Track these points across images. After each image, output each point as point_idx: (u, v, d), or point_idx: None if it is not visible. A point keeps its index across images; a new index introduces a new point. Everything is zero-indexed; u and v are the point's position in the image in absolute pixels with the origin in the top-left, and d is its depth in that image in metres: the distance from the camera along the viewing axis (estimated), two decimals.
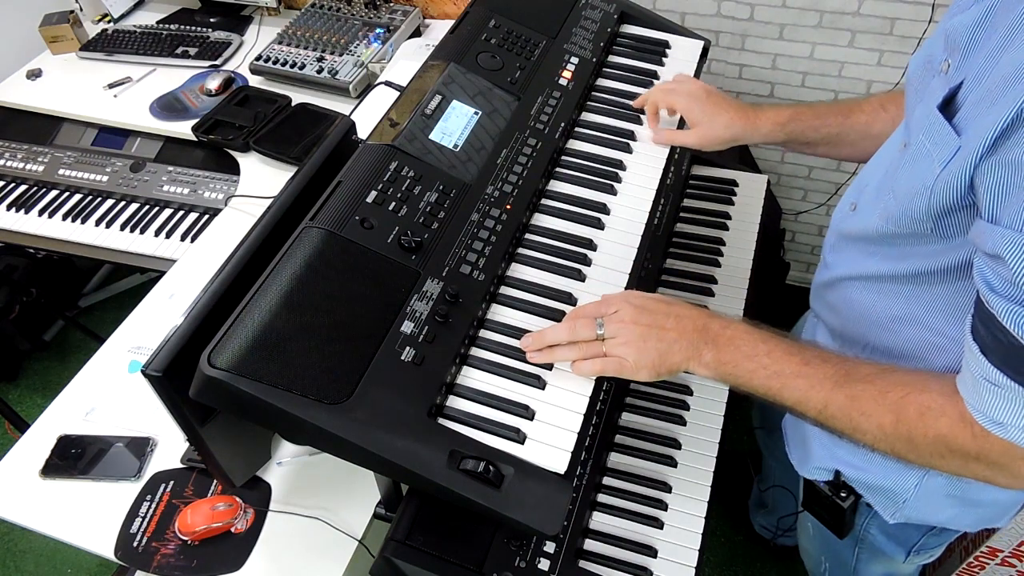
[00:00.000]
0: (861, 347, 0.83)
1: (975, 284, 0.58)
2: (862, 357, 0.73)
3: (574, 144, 1.07)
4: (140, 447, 1.06)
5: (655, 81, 1.18)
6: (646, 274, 1.20)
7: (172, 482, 1.03)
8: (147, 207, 1.57)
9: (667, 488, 0.99)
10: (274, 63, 1.66)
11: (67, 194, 1.62)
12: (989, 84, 0.57)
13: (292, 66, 1.65)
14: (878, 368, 0.69)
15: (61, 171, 1.64)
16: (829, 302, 0.89)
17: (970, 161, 0.56)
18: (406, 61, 1.49)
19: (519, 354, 0.83)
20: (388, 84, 1.43)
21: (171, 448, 1.07)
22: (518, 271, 0.92)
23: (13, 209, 1.60)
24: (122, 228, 1.54)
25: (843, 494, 0.92)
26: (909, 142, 0.69)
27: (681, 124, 1.08)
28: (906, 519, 0.89)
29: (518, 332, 0.85)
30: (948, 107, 0.62)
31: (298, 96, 1.63)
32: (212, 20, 1.92)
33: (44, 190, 1.63)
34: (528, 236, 0.95)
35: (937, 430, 0.63)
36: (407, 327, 0.79)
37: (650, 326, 0.77)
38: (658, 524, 0.95)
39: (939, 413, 0.63)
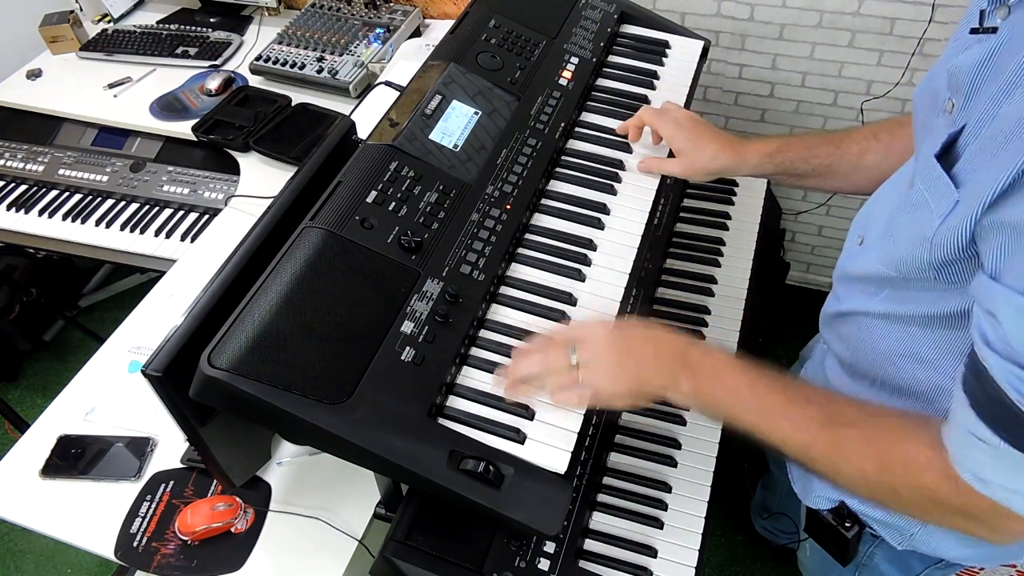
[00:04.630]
0: (870, 381, 0.81)
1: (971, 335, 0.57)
2: (860, 394, 0.71)
3: (574, 144, 1.07)
4: (140, 447, 1.06)
5: (655, 81, 1.18)
6: (646, 274, 1.20)
7: (172, 482, 1.03)
8: (147, 207, 1.57)
9: (667, 488, 0.99)
10: (274, 63, 1.66)
11: (67, 194, 1.62)
12: (989, 134, 0.55)
13: (292, 66, 1.65)
14: (865, 412, 0.68)
15: (61, 171, 1.64)
16: (839, 333, 0.87)
17: (970, 217, 0.55)
18: (406, 61, 1.49)
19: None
20: (388, 84, 1.43)
21: (171, 448, 1.07)
22: (518, 271, 0.92)
23: (13, 209, 1.60)
24: (122, 228, 1.54)
25: (848, 524, 0.90)
26: (914, 182, 0.68)
27: (670, 154, 1.05)
28: (915, 548, 0.87)
29: (518, 332, 0.85)
30: (948, 154, 0.60)
31: (298, 96, 1.63)
32: (212, 20, 1.92)
33: (44, 190, 1.63)
34: (528, 236, 0.95)
35: (921, 482, 0.61)
36: (407, 327, 0.79)
37: (625, 352, 0.75)
38: (658, 524, 0.95)
39: (924, 466, 0.61)
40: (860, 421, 0.67)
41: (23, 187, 1.64)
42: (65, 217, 1.57)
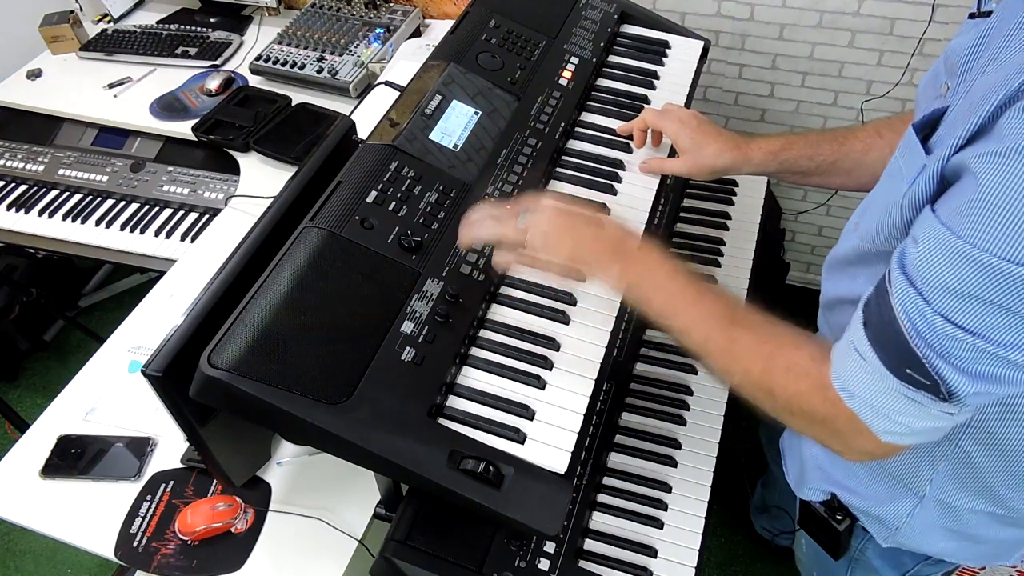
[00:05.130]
0: None
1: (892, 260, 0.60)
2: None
3: (574, 144, 1.07)
4: (140, 447, 1.06)
5: (655, 81, 1.18)
6: None
7: (172, 482, 1.03)
8: (147, 207, 1.57)
9: (667, 488, 0.99)
10: (274, 63, 1.66)
11: (67, 194, 1.62)
12: (962, 106, 0.57)
13: (292, 66, 1.65)
14: (764, 319, 0.72)
15: (61, 171, 1.64)
16: (830, 324, 0.88)
17: (934, 170, 0.57)
18: (406, 61, 1.49)
19: (519, 354, 0.83)
20: (388, 84, 1.43)
21: (171, 448, 1.07)
22: (518, 271, 0.92)
23: (13, 209, 1.60)
24: (122, 228, 1.53)
25: (839, 516, 0.91)
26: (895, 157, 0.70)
27: (672, 154, 1.05)
28: (899, 545, 0.88)
29: (518, 332, 0.85)
30: (933, 129, 0.62)
31: (298, 96, 1.63)
32: (212, 20, 1.92)
33: (44, 190, 1.63)
34: None
35: (796, 387, 0.66)
36: (407, 327, 0.79)
37: (569, 227, 0.78)
38: (658, 524, 0.95)
39: (802, 372, 0.66)
40: (757, 325, 0.71)
41: (23, 187, 1.64)
42: (65, 217, 1.57)
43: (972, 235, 0.51)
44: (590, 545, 0.93)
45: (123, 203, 1.58)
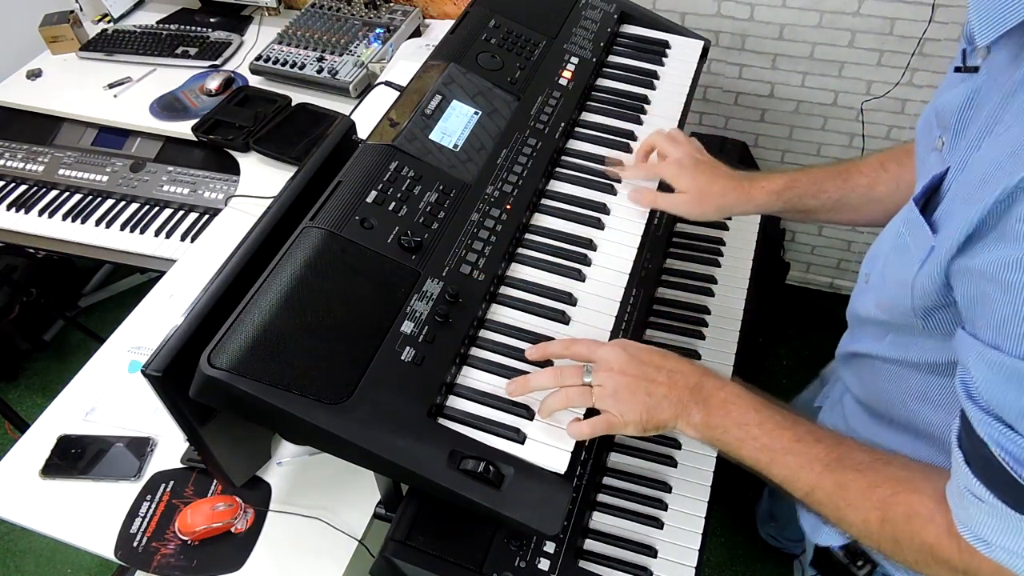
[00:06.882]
0: (888, 422, 0.80)
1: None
2: (879, 435, 0.69)
3: (574, 144, 1.07)
4: (140, 447, 1.06)
5: (655, 81, 1.18)
6: (646, 274, 1.20)
7: (172, 482, 1.03)
8: (147, 207, 1.57)
9: (667, 488, 0.99)
10: (274, 63, 1.67)
11: (67, 194, 1.62)
12: (964, 180, 0.55)
13: (292, 66, 1.65)
14: (872, 457, 0.66)
15: (61, 171, 1.64)
16: (855, 372, 0.86)
17: (942, 263, 0.55)
18: (406, 61, 1.49)
19: (519, 354, 0.83)
20: (388, 84, 1.43)
21: (171, 448, 1.07)
22: (518, 271, 0.92)
23: (13, 209, 1.60)
24: (122, 228, 1.54)
25: (859, 563, 0.88)
26: (900, 226, 0.67)
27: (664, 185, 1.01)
28: None
29: (518, 332, 0.85)
30: (931, 198, 0.60)
31: (298, 96, 1.63)
32: (212, 20, 1.92)
33: (44, 190, 1.63)
34: (528, 236, 0.95)
35: (923, 538, 0.59)
36: (407, 327, 0.79)
37: (639, 378, 0.74)
38: (658, 524, 0.95)
39: (927, 519, 0.59)
40: (866, 466, 0.65)
41: (23, 187, 1.64)
42: (65, 217, 1.57)
43: None
44: (590, 545, 0.93)
45: (123, 203, 1.58)
